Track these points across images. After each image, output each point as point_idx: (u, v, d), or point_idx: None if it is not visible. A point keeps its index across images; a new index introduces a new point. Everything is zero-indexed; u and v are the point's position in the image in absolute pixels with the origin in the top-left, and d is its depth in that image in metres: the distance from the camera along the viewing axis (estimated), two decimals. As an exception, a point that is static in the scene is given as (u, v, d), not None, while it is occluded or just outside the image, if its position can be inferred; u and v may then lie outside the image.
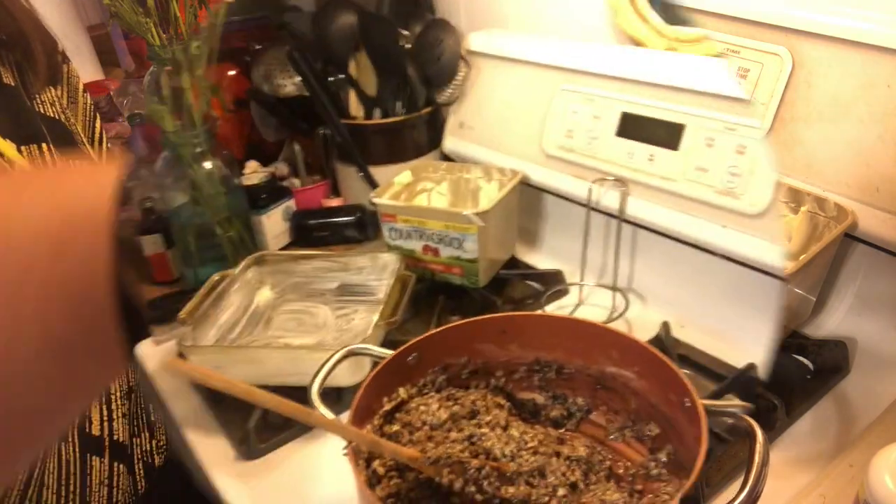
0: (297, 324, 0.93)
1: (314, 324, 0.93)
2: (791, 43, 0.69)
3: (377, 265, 0.95)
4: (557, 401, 0.68)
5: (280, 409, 0.50)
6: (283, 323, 0.94)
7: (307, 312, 0.95)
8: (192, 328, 0.81)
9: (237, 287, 0.92)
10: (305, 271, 0.98)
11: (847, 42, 0.65)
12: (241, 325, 0.91)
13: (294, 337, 0.90)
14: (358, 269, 0.96)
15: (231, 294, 0.91)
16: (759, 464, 0.46)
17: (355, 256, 0.96)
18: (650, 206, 0.85)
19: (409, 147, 1.14)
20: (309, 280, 0.98)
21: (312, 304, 0.96)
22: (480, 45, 1.08)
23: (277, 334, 0.91)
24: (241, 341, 0.89)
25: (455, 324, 0.66)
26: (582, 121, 0.92)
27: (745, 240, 0.75)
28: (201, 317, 0.83)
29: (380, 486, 0.56)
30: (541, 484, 0.56)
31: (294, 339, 0.90)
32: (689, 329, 0.87)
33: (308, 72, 1.10)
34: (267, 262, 0.97)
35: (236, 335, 0.89)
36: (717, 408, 0.54)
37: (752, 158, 0.73)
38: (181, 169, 1.00)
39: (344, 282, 0.97)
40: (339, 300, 0.96)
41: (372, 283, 0.96)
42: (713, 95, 0.77)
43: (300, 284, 0.98)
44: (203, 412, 0.82)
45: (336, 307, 0.95)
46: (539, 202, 1.08)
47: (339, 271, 0.96)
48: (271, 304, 0.97)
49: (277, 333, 0.92)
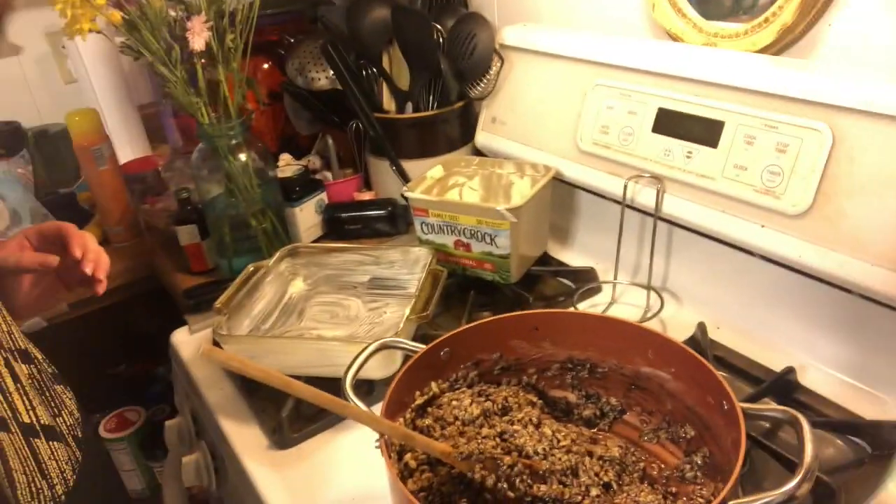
0: (330, 316, 0.94)
1: (346, 316, 0.93)
2: (830, 118, 0.69)
3: (409, 259, 0.95)
4: (590, 400, 0.68)
5: (316, 400, 0.50)
6: (316, 315, 0.94)
7: (339, 305, 0.96)
8: (227, 318, 0.82)
9: (271, 278, 0.93)
10: (337, 264, 0.98)
11: (888, 117, 0.64)
12: (275, 315, 0.92)
13: (327, 329, 0.91)
14: (389, 263, 0.96)
15: (265, 285, 0.92)
16: (812, 451, 0.45)
17: (387, 250, 0.96)
18: (687, 203, 0.84)
19: (441, 141, 1.14)
20: (341, 273, 0.99)
21: (344, 296, 0.97)
22: (514, 39, 1.07)
23: (310, 325, 0.92)
24: (275, 332, 0.90)
25: (487, 320, 0.66)
26: (617, 116, 0.91)
27: (785, 240, 0.73)
28: (236, 307, 0.84)
29: (412, 479, 0.57)
30: (574, 483, 0.56)
31: (327, 331, 0.90)
32: (724, 330, 0.85)
33: (341, 65, 1.10)
34: (300, 255, 0.98)
35: (269, 325, 0.90)
36: (757, 411, 0.53)
37: (794, 157, 0.72)
38: (216, 161, 1.01)
39: (375, 275, 0.97)
40: (371, 293, 0.97)
41: (404, 276, 0.96)
42: (753, 92, 0.76)
43: (332, 277, 0.99)
44: (237, 401, 0.83)
45: (368, 300, 0.96)
46: (572, 199, 1.07)
47: (371, 265, 0.97)
48: (304, 296, 0.98)
49: (310, 325, 0.92)
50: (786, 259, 0.75)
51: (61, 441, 0.65)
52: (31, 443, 0.62)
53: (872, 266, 0.67)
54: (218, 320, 0.82)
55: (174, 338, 0.98)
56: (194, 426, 0.95)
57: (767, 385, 0.73)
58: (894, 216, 0.65)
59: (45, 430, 0.64)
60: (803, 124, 0.71)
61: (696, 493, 0.56)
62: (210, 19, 0.91)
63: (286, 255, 0.97)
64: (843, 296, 0.73)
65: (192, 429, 0.95)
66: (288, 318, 0.94)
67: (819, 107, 0.70)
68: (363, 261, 0.97)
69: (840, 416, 0.71)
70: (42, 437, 0.63)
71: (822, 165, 0.70)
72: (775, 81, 0.73)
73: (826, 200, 0.70)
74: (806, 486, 0.44)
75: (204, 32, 0.90)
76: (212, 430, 0.85)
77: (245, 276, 0.89)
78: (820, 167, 0.70)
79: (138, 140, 1.47)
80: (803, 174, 0.71)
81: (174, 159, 1.46)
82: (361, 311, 0.94)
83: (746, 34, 0.82)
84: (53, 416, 0.66)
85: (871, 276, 0.67)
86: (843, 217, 0.69)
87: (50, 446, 0.64)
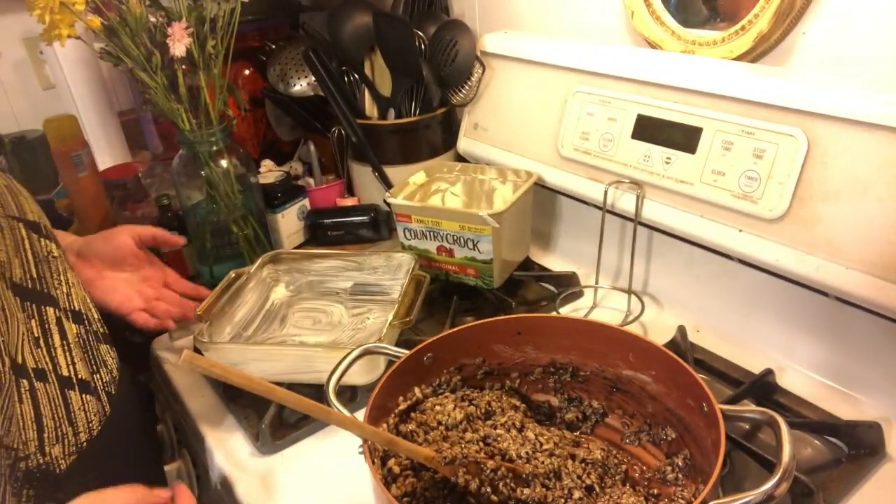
0: (313, 322, 0.94)
1: (329, 322, 0.93)
2: (805, 124, 0.70)
3: (391, 265, 0.95)
4: (573, 403, 0.68)
5: (298, 406, 0.50)
6: (299, 321, 0.94)
7: (322, 311, 0.95)
8: (208, 324, 0.81)
9: (252, 285, 0.93)
10: (320, 270, 0.98)
11: (861, 123, 0.66)
12: (257, 322, 0.92)
13: (309, 335, 0.91)
14: (372, 269, 0.96)
15: (246, 291, 0.91)
16: (789, 451, 0.46)
17: (370, 256, 0.96)
18: (666, 209, 0.85)
19: (424, 147, 1.14)
20: (323, 279, 0.98)
21: (327, 302, 0.97)
22: (495, 47, 1.08)
23: (293, 332, 0.92)
24: (257, 338, 0.90)
25: (470, 324, 0.66)
26: (597, 123, 0.92)
27: (763, 244, 0.75)
28: (217, 313, 0.84)
29: (395, 484, 0.57)
30: (556, 486, 0.56)
31: (309, 338, 0.90)
32: (704, 333, 0.86)
33: (323, 72, 1.10)
34: (282, 261, 0.98)
35: (251, 332, 0.90)
36: (736, 412, 0.53)
37: (771, 163, 0.73)
38: (197, 167, 1.01)
39: (358, 281, 0.97)
40: (354, 299, 0.97)
41: (386, 282, 0.96)
42: (731, 99, 0.77)
43: (315, 283, 0.99)
44: (218, 408, 0.82)
45: (350, 306, 0.96)
46: (554, 204, 1.08)
47: (354, 270, 0.97)
48: (286, 302, 0.97)
49: (293, 331, 0.92)
50: (763, 263, 0.76)
51: (93, 395, 0.68)
52: (65, 394, 0.65)
53: (847, 269, 0.68)
54: (199, 327, 0.81)
55: (155, 346, 0.97)
56: (176, 434, 0.94)
57: (746, 387, 0.74)
58: (868, 220, 0.66)
59: (80, 384, 0.67)
60: (779, 130, 0.72)
61: (677, 494, 0.57)
62: (191, 25, 0.91)
63: (268, 261, 0.97)
64: (820, 299, 0.74)
65: (173, 437, 0.94)
66: (270, 324, 0.93)
67: (794, 113, 0.71)
68: (346, 266, 0.97)
69: (818, 417, 0.72)
70: (77, 389, 0.66)
71: (798, 171, 0.71)
72: (752, 88, 0.75)
73: (802, 205, 0.71)
74: (784, 486, 0.45)
75: (185, 38, 0.89)
76: (193, 438, 0.84)
77: (227, 283, 0.89)
78: (796, 172, 0.71)
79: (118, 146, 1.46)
80: (779, 179, 0.72)
81: (155, 166, 1.45)
82: (344, 317, 0.94)
83: (724, 41, 0.83)
84: (92, 372, 0.69)
85: (846, 280, 0.68)
86: (818, 221, 0.70)
87: (82, 398, 0.66)
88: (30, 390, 0.61)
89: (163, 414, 0.98)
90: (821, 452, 0.68)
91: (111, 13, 0.88)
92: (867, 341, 0.73)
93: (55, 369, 0.65)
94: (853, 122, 0.67)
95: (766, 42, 0.79)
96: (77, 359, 0.67)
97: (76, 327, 0.69)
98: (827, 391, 0.76)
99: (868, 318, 0.71)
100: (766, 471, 0.64)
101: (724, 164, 0.77)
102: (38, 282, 0.66)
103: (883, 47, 0.71)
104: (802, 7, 0.75)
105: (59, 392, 0.64)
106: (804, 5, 0.75)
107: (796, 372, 0.79)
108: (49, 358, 0.65)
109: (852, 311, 0.72)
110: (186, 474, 0.88)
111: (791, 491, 0.60)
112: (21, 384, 0.61)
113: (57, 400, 0.64)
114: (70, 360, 0.66)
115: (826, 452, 0.68)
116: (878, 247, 0.66)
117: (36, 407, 0.62)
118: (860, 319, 0.72)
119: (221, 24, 0.94)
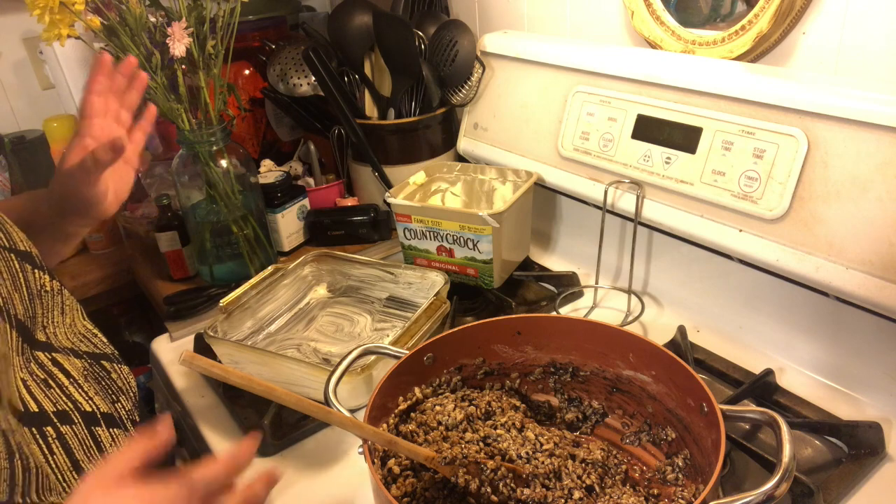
0: (335, 329, 0.92)
1: (350, 332, 0.91)
2: (805, 124, 0.70)
3: (425, 284, 0.92)
4: (573, 403, 0.68)
5: (298, 406, 0.50)
6: (324, 325, 0.93)
7: (349, 319, 0.94)
8: (226, 317, 0.81)
9: (289, 281, 0.92)
10: (360, 276, 0.96)
11: (861, 123, 0.66)
12: (284, 319, 0.91)
13: (326, 343, 0.89)
14: (407, 284, 0.94)
15: (281, 287, 0.90)
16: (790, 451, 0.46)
17: (405, 270, 0.93)
18: (666, 209, 0.85)
19: (424, 147, 1.14)
20: (362, 286, 0.97)
21: (358, 311, 0.95)
22: (495, 47, 1.08)
23: (312, 336, 0.91)
24: (278, 337, 0.89)
25: (470, 325, 0.66)
26: (597, 123, 0.92)
27: (763, 244, 0.75)
28: (242, 307, 0.83)
29: (395, 485, 0.57)
30: (556, 486, 0.56)
31: (324, 346, 0.88)
32: (704, 333, 0.86)
33: (323, 71, 1.10)
34: (326, 261, 0.97)
35: (274, 329, 0.89)
36: (736, 413, 0.53)
37: (771, 163, 0.73)
38: (197, 167, 1.01)
39: (393, 294, 0.95)
40: (384, 311, 0.95)
41: (419, 300, 0.93)
42: (731, 99, 0.77)
43: (355, 288, 0.97)
44: (218, 408, 0.82)
45: (378, 318, 0.94)
46: (554, 204, 1.08)
47: (390, 283, 0.95)
48: (322, 303, 0.96)
49: (312, 335, 0.91)
50: (763, 263, 0.76)
51: (120, 427, 0.67)
52: (93, 432, 0.62)
53: (847, 269, 0.68)
54: (213, 319, 0.81)
55: (154, 345, 0.97)
56: (176, 434, 0.94)
57: (747, 387, 0.74)
58: (868, 220, 0.66)
59: (104, 418, 0.65)
60: (779, 130, 0.72)
61: (677, 494, 0.57)
62: (191, 25, 0.91)
63: (311, 259, 0.96)
64: (820, 299, 0.74)
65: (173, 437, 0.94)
66: (296, 324, 0.92)
67: (794, 113, 0.71)
68: (383, 277, 0.95)
69: (818, 417, 0.72)
70: (103, 424, 0.64)
71: (798, 171, 0.71)
72: (752, 88, 0.75)
73: (802, 205, 0.71)
74: (784, 486, 0.45)
75: (184, 38, 0.89)
76: (193, 438, 0.84)
77: (262, 277, 0.88)
78: (796, 172, 0.71)
79: (118, 146, 1.46)
80: (780, 179, 0.72)
81: (154, 165, 1.45)
82: (367, 330, 0.92)
83: (724, 41, 0.83)
84: (112, 402, 0.67)
85: (846, 280, 0.68)
86: (818, 221, 0.70)
87: (110, 433, 0.65)
88: (57, 438, 0.58)
89: (162, 413, 0.98)
90: (821, 452, 0.68)
91: (111, 13, 0.88)
92: (867, 341, 0.73)
93: (77, 407, 0.61)
94: (853, 122, 0.67)
95: (767, 42, 0.79)
96: (91, 393, 0.64)
97: (78, 362, 0.66)
98: (827, 391, 0.76)
99: (868, 318, 0.71)
100: (766, 471, 0.64)
101: (724, 164, 0.77)
102: (31, 321, 0.63)
103: (883, 47, 0.71)
104: (802, 7, 0.75)
105: (86, 432, 0.61)
106: (804, 5, 0.75)
107: (796, 372, 0.79)
108: (65, 398, 0.61)
109: (852, 311, 0.72)
110: (186, 474, 0.88)
111: (791, 491, 0.60)
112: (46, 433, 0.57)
113: (87, 441, 0.61)
114: (85, 395, 0.63)
115: (826, 452, 0.68)
116: (878, 247, 0.66)
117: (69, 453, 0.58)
118: (860, 319, 0.72)
119: (221, 24, 0.94)
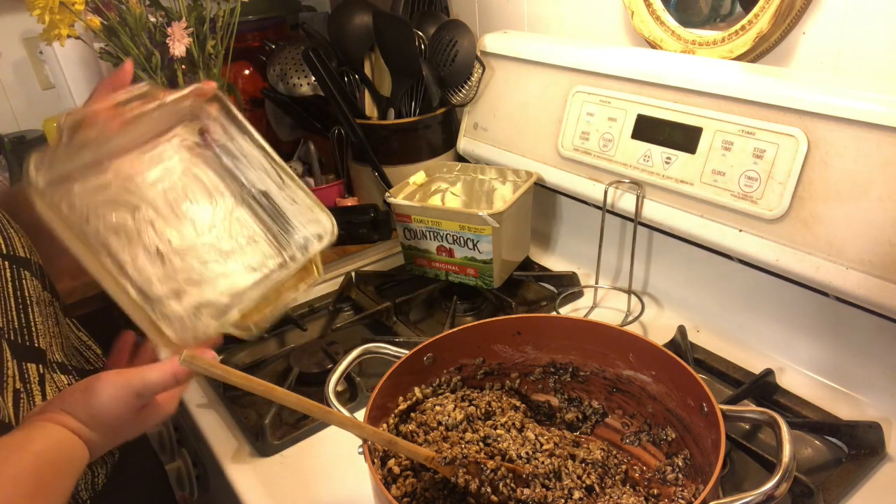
0: (186, 200, 0.63)
1: (198, 217, 0.63)
2: (805, 124, 0.70)
3: (307, 217, 0.66)
4: (573, 403, 0.68)
5: (298, 406, 0.50)
6: (173, 189, 0.63)
7: (206, 192, 0.65)
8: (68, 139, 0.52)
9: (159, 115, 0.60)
10: (244, 150, 0.66)
11: (861, 123, 0.66)
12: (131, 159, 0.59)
13: (165, 223, 0.61)
14: (291, 201, 0.66)
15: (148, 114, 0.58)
16: (789, 451, 0.46)
17: (298, 189, 0.66)
18: (666, 209, 0.85)
19: (424, 147, 1.14)
20: (241, 159, 0.66)
21: (221, 187, 0.66)
22: (495, 47, 1.08)
23: (155, 202, 0.61)
24: (114, 184, 0.58)
25: (470, 325, 0.66)
26: (597, 123, 0.92)
27: (763, 244, 0.75)
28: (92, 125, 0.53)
29: (395, 485, 0.57)
30: (556, 486, 0.56)
31: (162, 226, 0.61)
32: (704, 333, 0.86)
33: (323, 71, 1.10)
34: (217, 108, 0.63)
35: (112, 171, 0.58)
36: (736, 413, 0.53)
37: (771, 163, 0.73)
38: (197, 167, 1.00)
39: (271, 195, 0.67)
40: (252, 207, 0.66)
41: (295, 232, 0.66)
42: (731, 99, 0.77)
43: (230, 154, 0.66)
44: (218, 408, 0.82)
45: (241, 213, 0.66)
46: (554, 204, 1.08)
47: (273, 183, 0.66)
48: (183, 155, 0.64)
49: (157, 201, 0.61)
50: (763, 263, 0.76)
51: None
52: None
53: (847, 269, 0.68)
54: (53, 141, 0.55)
55: (154, 345, 0.97)
56: (175, 434, 0.94)
57: (746, 387, 0.74)
58: (868, 220, 0.66)
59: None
60: (779, 130, 0.72)
61: (677, 494, 0.57)
62: (190, 25, 0.91)
63: (209, 95, 0.62)
64: (819, 299, 0.74)
65: (173, 437, 0.94)
66: (143, 170, 0.60)
67: (794, 113, 0.71)
68: (268, 171, 0.66)
69: (818, 417, 0.72)
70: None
71: (798, 171, 0.71)
72: (752, 88, 0.75)
73: (802, 205, 0.71)
74: (784, 486, 0.45)
75: (184, 38, 0.90)
76: (193, 438, 0.84)
77: (134, 94, 0.58)
78: (796, 172, 0.71)
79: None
80: (780, 179, 0.72)
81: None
82: (219, 222, 0.64)
83: (724, 41, 0.83)
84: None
85: (846, 280, 0.68)
86: (818, 221, 0.70)
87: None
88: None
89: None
90: (821, 452, 0.68)
91: (111, 13, 0.88)
92: (867, 341, 0.73)
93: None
94: (853, 122, 0.67)
95: (767, 42, 0.79)
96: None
97: (65, 378, 0.64)
98: (827, 391, 0.76)
99: (868, 318, 0.71)
100: (766, 471, 0.64)
101: (724, 164, 0.77)
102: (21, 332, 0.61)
103: (883, 47, 0.71)
104: (802, 7, 0.75)
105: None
106: (804, 5, 0.75)
107: (796, 372, 0.79)
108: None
109: (852, 311, 0.72)
110: (186, 474, 0.88)
111: (791, 491, 0.60)
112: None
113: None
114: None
115: (826, 452, 0.68)
116: (878, 247, 0.66)
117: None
118: (860, 319, 0.72)
119: (221, 24, 0.94)
